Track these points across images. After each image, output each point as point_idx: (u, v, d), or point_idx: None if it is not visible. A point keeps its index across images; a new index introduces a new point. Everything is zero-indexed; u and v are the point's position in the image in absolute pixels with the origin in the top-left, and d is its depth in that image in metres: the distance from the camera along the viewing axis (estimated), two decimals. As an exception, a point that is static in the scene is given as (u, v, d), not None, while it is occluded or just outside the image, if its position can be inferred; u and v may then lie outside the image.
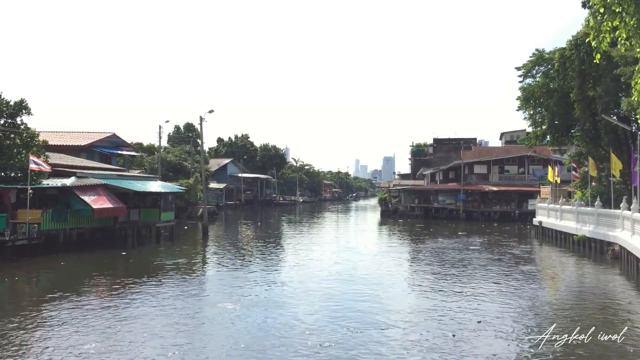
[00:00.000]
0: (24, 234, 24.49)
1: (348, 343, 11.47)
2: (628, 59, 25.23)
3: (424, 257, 26.29)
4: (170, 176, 58.89)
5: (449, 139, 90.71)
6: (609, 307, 15.12)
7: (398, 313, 14.29)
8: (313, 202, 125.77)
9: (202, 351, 11.00)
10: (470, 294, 16.75)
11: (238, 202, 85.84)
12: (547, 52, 38.28)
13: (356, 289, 17.67)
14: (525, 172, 62.76)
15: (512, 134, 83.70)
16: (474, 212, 58.50)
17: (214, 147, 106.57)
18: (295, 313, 14.21)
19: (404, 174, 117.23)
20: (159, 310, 14.43)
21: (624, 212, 22.63)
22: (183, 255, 27.68)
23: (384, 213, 70.58)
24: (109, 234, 29.81)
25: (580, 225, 28.73)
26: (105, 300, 16.15)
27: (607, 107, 29.36)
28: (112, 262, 24.46)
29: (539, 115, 39.46)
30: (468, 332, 12.25)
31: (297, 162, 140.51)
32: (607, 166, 29.81)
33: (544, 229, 35.58)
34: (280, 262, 24.94)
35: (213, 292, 17.88)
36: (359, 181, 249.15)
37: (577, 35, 31.29)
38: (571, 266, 24.37)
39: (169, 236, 34.17)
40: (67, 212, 27.13)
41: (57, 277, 20.66)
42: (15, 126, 26.70)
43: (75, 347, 11.12)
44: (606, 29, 8.97)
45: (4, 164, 25.74)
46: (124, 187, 30.83)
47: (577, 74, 30.98)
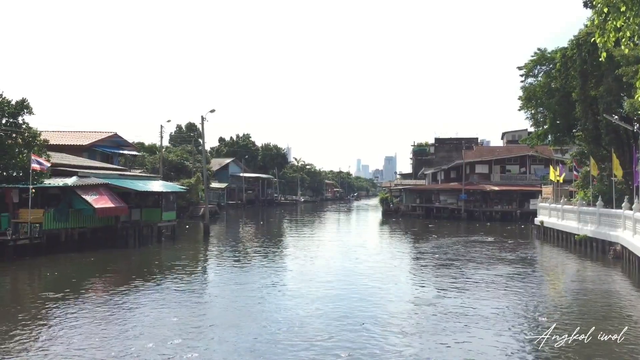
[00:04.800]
0: (25, 233, 24.55)
1: (350, 343, 11.47)
2: (630, 58, 25.20)
3: (425, 257, 26.27)
4: (171, 176, 59.02)
5: (450, 138, 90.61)
6: (609, 307, 15.10)
7: (399, 313, 14.27)
8: (314, 202, 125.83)
9: (204, 351, 11.01)
10: (470, 293, 16.74)
11: (239, 201, 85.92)
12: (549, 52, 38.21)
13: (357, 290, 17.66)
14: (526, 172, 62.73)
15: (513, 134, 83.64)
16: (476, 211, 58.46)
17: (215, 147, 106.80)
18: (296, 312, 14.21)
19: (406, 173, 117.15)
20: (160, 310, 14.45)
21: (626, 211, 22.60)
22: (185, 255, 27.73)
23: (386, 213, 70.57)
24: (111, 233, 29.86)
25: (581, 225, 28.70)
26: (107, 300, 16.16)
27: (609, 107, 29.32)
28: (113, 262, 24.50)
29: (540, 114, 39.40)
30: (468, 332, 12.25)
31: (298, 162, 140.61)
32: (609, 166, 29.76)
33: (545, 228, 35.54)
34: (281, 262, 24.93)
35: (214, 291, 17.91)
36: (360, 181, 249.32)
37: (579, 34, 31.26)
38: (572, 266, 24.35)
39: (170, 236, 34.23)
40: (68, 211, 27.18)
41: (58, 277, 20.68)
42: (17, 126, 26.76)
43: (76, 347, 11.14)
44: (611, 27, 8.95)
45: (6, 163, 25.82)
46: (126, 187, 30.87)
47: (578, 74, 30.95)
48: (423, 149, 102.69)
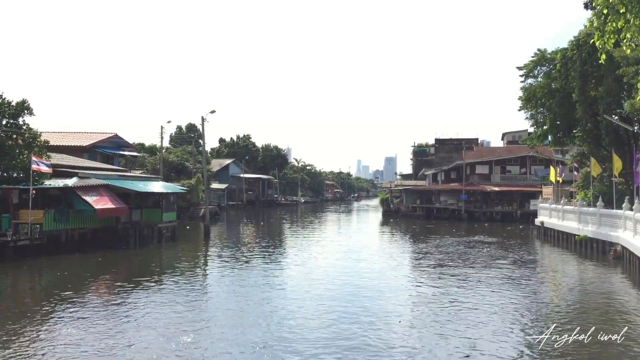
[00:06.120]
0: (26, 234, 24.55)
1: (349, 341, 11.49)
2: (630, 59, 25.24)
3: (425, 258, 26.28)
4: (172, 176, 59.05)
5: (450, 139, 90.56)
6: (609, 307, 15.11)
7: (399, 313, 14.29)
8: (315, 203, 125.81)
9: (205, 351, 11.03)
10: (470, 293, 16.74)
11: (240, 202, 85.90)
12: (549, 52, 38.20)
13: (358, 290, 17.67)
14: (527, 173, 62.72)
15: (514, 134, 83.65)
16: (476, 212, 58.46)
17: (215, 148, 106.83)
18: (298, 311, 14.23)
19: (406, 174, 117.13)
20: (161, 310, 14.46)
21: (626, 212, 22.61)
22: (185, 255, 27.75)
23: (386, 213, 70.58)
24: (111, 234, 29.86)
25: (582, 225, 28.70)
26: (107, 300, 16.19)
27: (609, 108, 29.35)
28: (114, 263, 24.51)
29: (540, 115, 39.39)
30: (468, 332, 12.26)
31: (298, 163, 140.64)
32: (609, 166, 29.78)
33: (546, 229, 35.54)
34: (282, 262, 24.94)
35: (215, 292, 17.93)
36: (360, 181, 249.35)
37: (579, 35, 31.29)
38: (573, 266, 24.36)
39: (170, 236, 34.23)
40: (69, 212, 27.19)
41: (59, 278, 20.70)
42: (18, 127, 26.76)
43: (77, 347, 11.16)
44: (610, 29, 8.97)
45: (7, 164, 25.82)
46: (126, 188, 30.88)
47: (579, 74, 30.97)
48: (423, 149, 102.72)
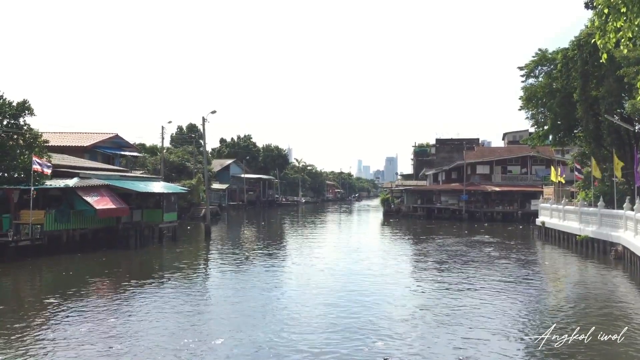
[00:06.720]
0: (27, 234, 24.57)
1: (353, 343, 11.48)
2: (631, 59, 25.21)
3: (426, 258, 26.27)
4: (172, 177, 59.09)
5: (451, 139, 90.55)
6: (610, 307, 15.08)
7: (399, 313, 14.28)
8: (316, 203, 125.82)
9: (206, 351, 11.02)
10: (471, 293, 16.73)
11: (241, 202, 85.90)
12: (550, 52, 38.21)
13: (359, 290, 17.67)
14: (528, 173, 62.68)
15: (514, 134, 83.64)
16: (477, 212, 58.43)
17: (216, 148, 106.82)
18: (298, 310, 14.23)
19: (407, 174, 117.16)
20: (162, 311, 14.46)
21: (627, 212, 22.59)
22: (186, 255, 27.75)
23: (387, 213, 70.57)
24: (112, 234, 29.87)
25: (583, 225, 28.67)
26: (108, 300, 16.20)
27: (610, 108, 29.32)
28: (115, 263, 24.51)
29: (541, 115, 39.40)
30: (468, 332, 12.24)
31: (299, 163, 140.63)
32: (610, 166, 29.76)
33: (546, 229, 35.51)
34: (283, 262, 24.94)
35: (216, 292, 17.93)
36: (361, 181, 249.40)
37: (580, 35, 31.26)
38: (574, 266, 24.33)
39: (171, 237, 34.25)
40: (70, 212, 27.20)
41: (59, 278, 20.73)
42: (18, 127, 26.79)
43: (78, 347, 11.16)
44: (611, 28, 8.96)
45: (7, 164, 25.84)
46: (127, 188, 30.89)
47: (580, 74, 30.94)
48: (424, 149, 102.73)
